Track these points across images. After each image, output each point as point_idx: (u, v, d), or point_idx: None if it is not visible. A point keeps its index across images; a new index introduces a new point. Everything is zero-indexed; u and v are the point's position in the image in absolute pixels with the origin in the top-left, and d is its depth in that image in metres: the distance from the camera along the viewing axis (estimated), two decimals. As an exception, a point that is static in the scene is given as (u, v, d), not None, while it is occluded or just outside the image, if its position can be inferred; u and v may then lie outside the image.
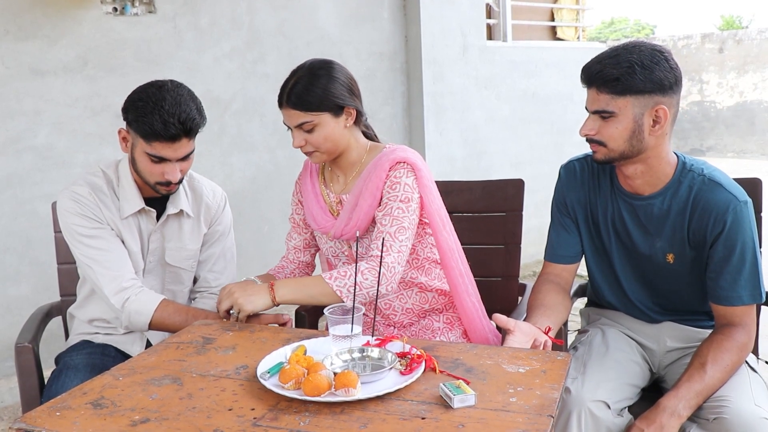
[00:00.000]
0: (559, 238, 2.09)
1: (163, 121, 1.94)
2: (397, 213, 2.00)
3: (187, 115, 1.97)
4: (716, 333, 1.85)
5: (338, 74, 2.05)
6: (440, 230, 2.07)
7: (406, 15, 4.88)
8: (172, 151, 1.99)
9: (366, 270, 1.93)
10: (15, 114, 3.41)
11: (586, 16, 6.38)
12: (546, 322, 1.88)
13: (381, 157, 2.07)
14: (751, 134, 12.64)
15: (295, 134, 2.05)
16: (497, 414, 1.37)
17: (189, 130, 1.98)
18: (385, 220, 2.01)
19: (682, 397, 1.73)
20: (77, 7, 3.51)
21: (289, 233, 2.32)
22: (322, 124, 2.01)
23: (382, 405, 1.42)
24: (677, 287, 1.97)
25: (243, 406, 1.44)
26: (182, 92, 2.01)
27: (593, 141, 1.87)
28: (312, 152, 2.06)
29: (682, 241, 1.89)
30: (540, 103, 5.63)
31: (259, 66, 4.21)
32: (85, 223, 2.07)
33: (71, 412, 1.44)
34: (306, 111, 2.00)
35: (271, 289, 1.95)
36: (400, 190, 2.02)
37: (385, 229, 1.99)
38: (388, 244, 1.97)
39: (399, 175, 2.02)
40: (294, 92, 2.01)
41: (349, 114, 2.06)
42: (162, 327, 2.08)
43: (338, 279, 1.93)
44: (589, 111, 1.86)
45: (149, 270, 2.21)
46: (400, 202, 2.01)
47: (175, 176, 2.03)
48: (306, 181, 2.24)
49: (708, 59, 13.01)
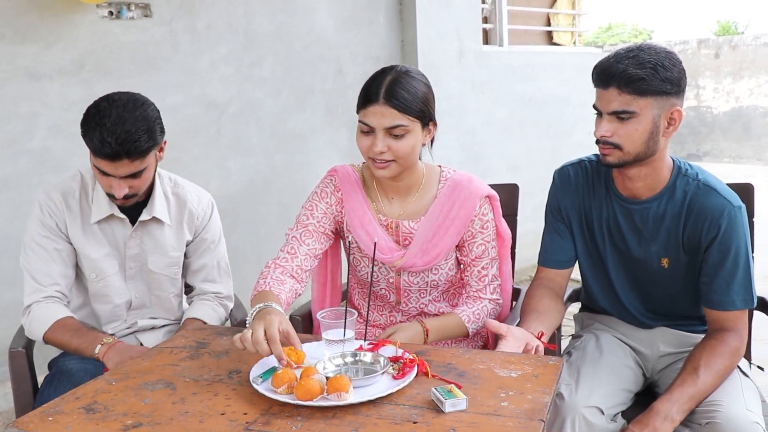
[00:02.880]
0: (553, 243, 2.10)
1: (101, 140, 1.87)
2: (493, 253, 2.07)
3: (128, 136, 1.87)
4: (709, 338, 1.86)
5: (427, 82, 1.92)
6: (506, 257, 2.14)
7: (402, 19, 4.89)
8: (113, 169, 1.93)
9: (492, 311, 2.07)
10: (11, 117, 3.41)
11: (583, 21, 6.39)
12: (539, 326, 1.88)
13: (456, 187, 2.00)
14: (747, 139, 12.65)
15: (378, 137, 1.83)
16: (488, 418, 1.37)
17: (128, 152, 1.89)
18: (486, 263, 2.05)
19: (675, 401, 1.73)
20: (73, 11, 3.51)
21: (298, 237, 2.03)
22: (414, 132, 1.85)
23: (374, 409, 1.42)
24: (671, 292, 1.98)
25: (235, 411, 1.44)
26: (132, 110, 1.92)
27: (608, 143, 1.83)
28: (387, 163, 1.86)
29: (677, 246, 1.90)
30: (536, 108, 5.64)
31: (256, 70, 4.21)
32: (38, 230, 2.09)
33: (64, 417, 1.44)
34: (405, 113, 1.82)
35: (426, 332, 1.96)
36: (489, 230, 2.05)
37: (490, 272, 2.06)
38: (495, 285, 2.08)
39: (486, 212, 2.03)
40: (394, 88, 1.82)
41: (430, 130, 1.94)
42: (53, 342, 2.07)
43: (473, 323, 2.03)
44: (605, 112, 1.82)
45: (131, 276, 2.19)
46: (493, 241, 2.06)
47: (119, 192, 1.97)
48: (354, 197, 2.02)
49: (704, 64, 13.02)
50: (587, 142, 5.78)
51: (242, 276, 3.72)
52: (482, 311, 2.04)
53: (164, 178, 2.22)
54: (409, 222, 2.01)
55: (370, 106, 1.84)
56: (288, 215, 4.35)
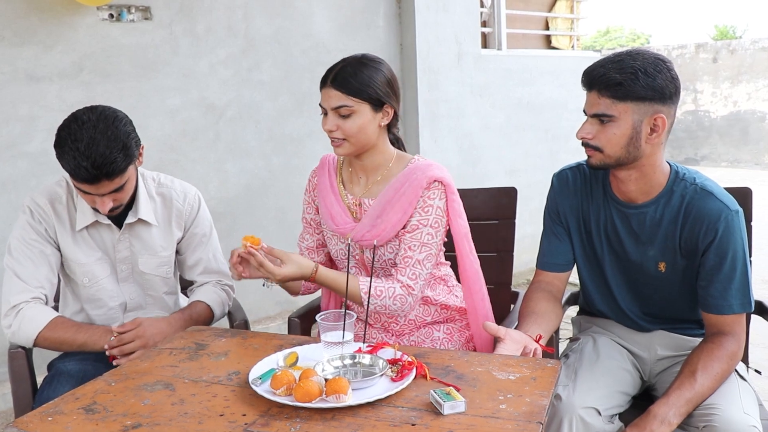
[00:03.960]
0: (551, 246, 2.10)
1: (76, 165, 1.86)
2: (427, 239, 2.01)
3: (104, 159, 1.86)
4: (706, 341, 1.86)
5: (385, 69, 2.06)
6: (466, 255, 2.10)
7: (401, 23, 4.90)
8: (94, 189, 1.92)
9: (398, 297, 1.98)
10: (10, 119, 3.41)
11: (581, 26, 6.41)
12: (537, 330, 1.89)
13: (414, 170, 2.04)
14: (745, 143, 12.69)
15: (329, 117, 2.01)
16: (487, 420, 1.38)
17: (107, 174, 1.88)
18: (414, 245, 2.01)
19: (672, 405, 1.74)
20: (73, 14, 3.52)
21: (301, 234, 2.27)
22: (359, 113, 1.99)
23: (373, 411, 1.43)
24: (668, 296, 1.98)
25: (234, 412, 1.45)
26: (104, 130, 1.89)
27: (589, 146, 1.87)
28: (341, 142, 2.02)
29: (674, 250, 1.90)
30: (534, 111, 5.65)
31: (255, 73, 4.22)
32: (27, 233, 2.08)
33: (63, 417, 1.45)
34: (347, 94, 1.97)
35: (315, 271, 1.96)
36: (432, 215, 2.02)
37: (414, 255, 2.01)
38: (417, 272, 2.00)
39: (432, 197, 2.02)
40: (340, 74, 1.99)
41: (386, 113, 2.05)
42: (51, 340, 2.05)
43: (374, 298, 1.96)
44: (588, 114, 1.86)
45: (124, 279, 2.20)
46: (431, 228, 2.01)
47: (104, 209, 1.97)
48: (324, 179, 2.19)
49: (702, 69, 13.06)
50: (585, 146, 5.80)
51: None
52: (387, 291, 1.97)
53: (148, 179, 2.22)
54: (370, 200, 2.09)
55: (322, 89, 2.02)
56: (285, 218, 4.39)
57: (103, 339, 2.02)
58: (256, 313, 4.25)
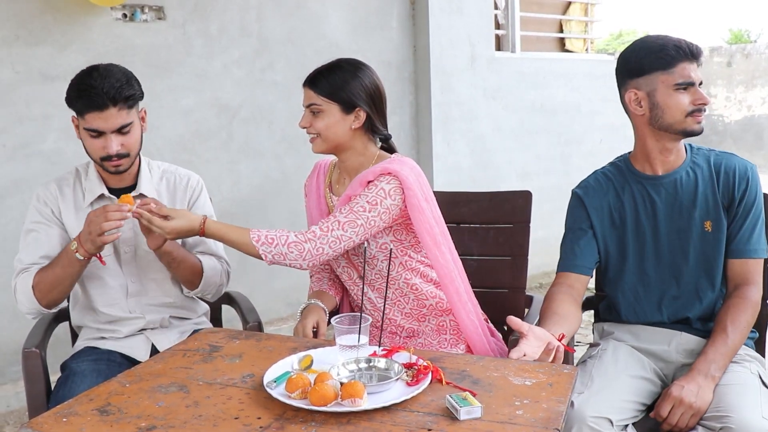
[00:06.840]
0: (576, 249, 2.11)
1: (88, 95, 2.01)
2: (358, 209, 2.01)
3: (111, 85, 2.02)
4: (730, 297, 2.00)
5: (363, 76, 2.12)
6: (431, 248, 2.08)
7: (414, 24, 4.89)
8: (104, 122, 2.03)
9: (293, 244, 1.96)
10: (24, 119, 3.42)
11: (595, 28, 6.38)
12: (559, 330, 1.87)
13: (376, 166, 2.09)
14: (759, 148, 12.62)
15: (304, 114, 2.12)
16: (503, 426, 1.37)
17: (114, 98, 2.02)
18: (344, 209, 2.02)
19: (711, 360, 1.87)
20: (87, 13, 3.53)
21: None
22: (328, 112, 2.07)
23: (389, 416, 1.42)
24: (710, 261, 2.04)
25: (249, 415, 1.44)
26: (112, 68, 2.08)
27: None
28: (314, 138, 2.12)
29: (716, 206, 2.02)
30: (548, 115, 5.62)
31: (268, 74, 4.22)
32: (35, 217, 2.18)
33: (78, 419, 1.44)
34: (318, 94, 2.08)
35: (203, 221, 1.99)
36: (372, 192, 2.02)
37: (338, 216, 2.01)
38: (330, 226, 1.99)
39: (381, 180, 2.03)
40: (317, 75, 2.10)
41: (358, 116, 2.08)
42: (44, 282, 2.08)
43: (264, 245, 1.95)
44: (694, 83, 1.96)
45: (126, 261, 2.22)
46: (366, 203, 2.01)
47: (112, 148, 2.06)
48: (312, 182, 2.29)
49: (716, 73, 13.00)
50: (597, 150, 5.77)
51: (252, 278, 3.73)
52: (279, 238, 1.96)
53: (153, 164, 2.31)
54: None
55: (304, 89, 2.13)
56: (298, 219, 4.36)
57: (69, 246, 2.05)
58: (267, 315, 4.24)
